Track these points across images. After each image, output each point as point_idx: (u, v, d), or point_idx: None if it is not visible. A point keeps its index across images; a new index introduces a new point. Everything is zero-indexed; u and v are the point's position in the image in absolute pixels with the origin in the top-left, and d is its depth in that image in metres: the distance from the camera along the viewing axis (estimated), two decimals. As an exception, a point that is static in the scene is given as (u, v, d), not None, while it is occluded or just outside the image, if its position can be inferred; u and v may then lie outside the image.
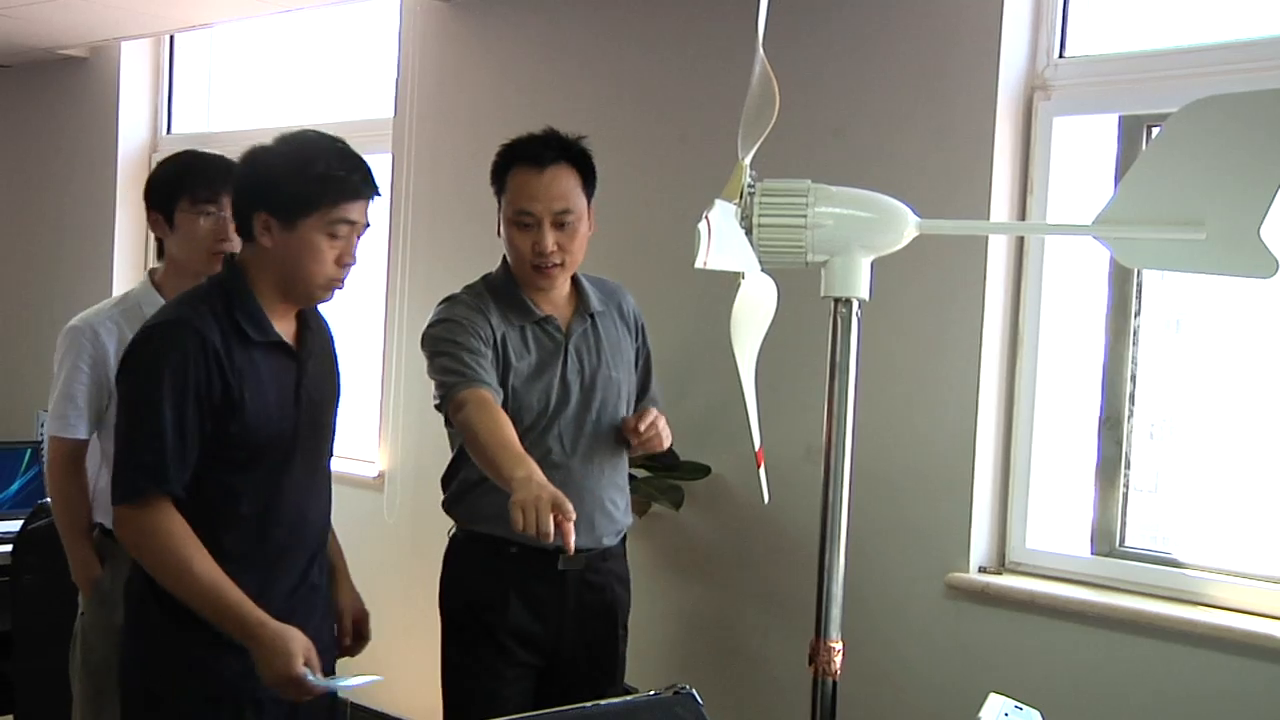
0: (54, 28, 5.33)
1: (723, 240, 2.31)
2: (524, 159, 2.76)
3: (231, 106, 5.65)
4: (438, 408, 2.74)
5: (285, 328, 2.50)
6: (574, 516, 2.24)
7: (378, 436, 4.79)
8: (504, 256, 2.87)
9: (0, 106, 6.09)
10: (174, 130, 5.72)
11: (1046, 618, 3.20)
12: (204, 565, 2.29)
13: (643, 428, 2.84)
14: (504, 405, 2.70)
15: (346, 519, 4.72)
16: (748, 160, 2.55)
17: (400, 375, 4.68)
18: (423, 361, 3.14)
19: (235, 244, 2.83)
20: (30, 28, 5.33)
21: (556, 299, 2.85)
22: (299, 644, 2.26)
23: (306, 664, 2.26)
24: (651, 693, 2.15)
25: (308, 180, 2.37)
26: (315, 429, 2.55)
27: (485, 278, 2.87)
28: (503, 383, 2.74)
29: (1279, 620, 2.94)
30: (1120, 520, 3.29)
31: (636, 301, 3.07)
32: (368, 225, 2.48)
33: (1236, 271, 2.51)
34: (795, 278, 2.69)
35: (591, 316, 2.87)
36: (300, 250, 2.40)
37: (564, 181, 2.74)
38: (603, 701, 2.01)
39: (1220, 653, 2.94)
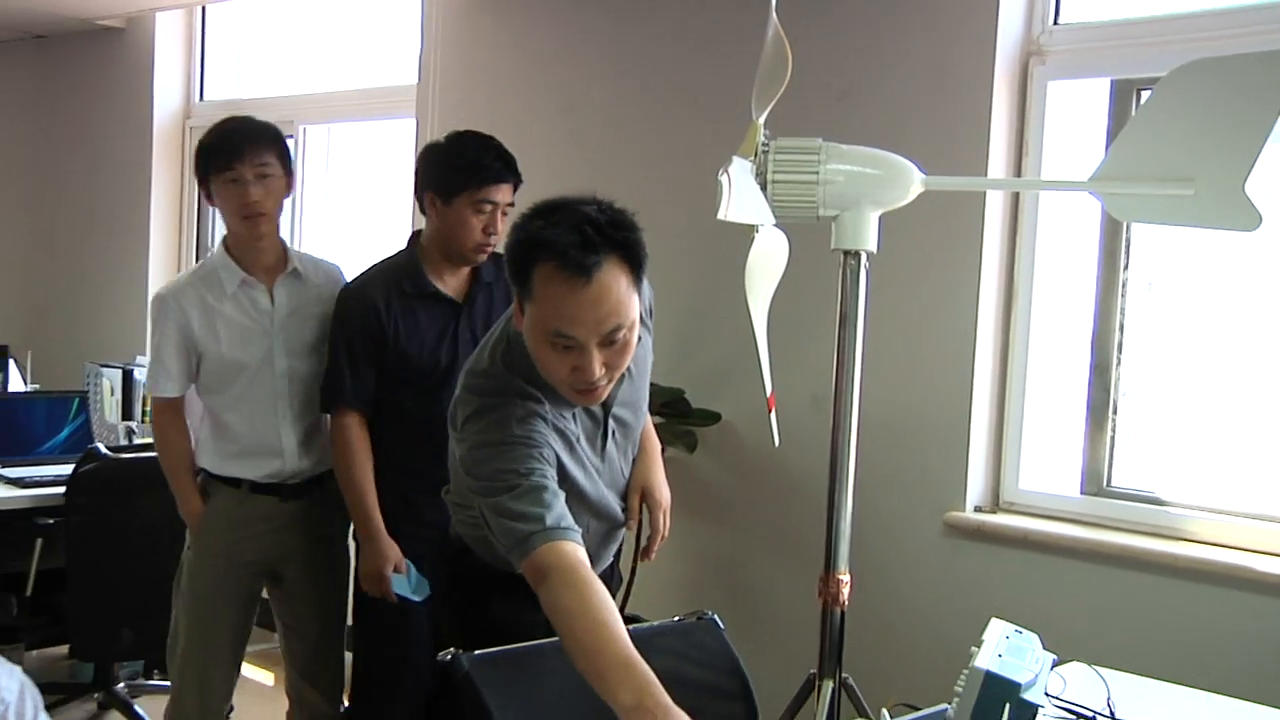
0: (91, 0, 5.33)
1: (741, 195, 2.32)
2: (559, 260, 1.91)
3: (261, 73, 5.61)
4: (504, 547, 2.00)
5: (454, 283, 2.99)
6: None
7: None
8: (508, 324, 2.20)
9: (39, 76, 6.06)
10: (206, 97, 5.70)
11: (1038, 553, 3.21)
12: (360, 470, 2.91)
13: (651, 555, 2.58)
14: None
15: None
16: (761, 120, 2.57)
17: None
18: None
19: (266, 207, 2.93)
20: (67, 1, 5.32)
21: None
22: (393, 555, 2.90)
23: (396, 570, 2.90)
24: (676, 619, 2.17)
25: (458, 168, 2.89)
26: None
27: (505, 359, 2.10)
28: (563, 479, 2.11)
29: (1255, 553, 2.96)
30: (1108, 462, 3.30)
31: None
32: (511, 204, 2.88)
33: (1223, 225, 2.54)
34: (799, 233, 2.72)
35: (626, 373, 2.16)
36: (455, 222, 2.89)
37: (615, 290, 1.93)
38: (630, 626, 1.91)
39: (1200, 584, 2.96)
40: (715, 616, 2.18)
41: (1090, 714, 2.11)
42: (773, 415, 2.77)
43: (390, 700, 3.12)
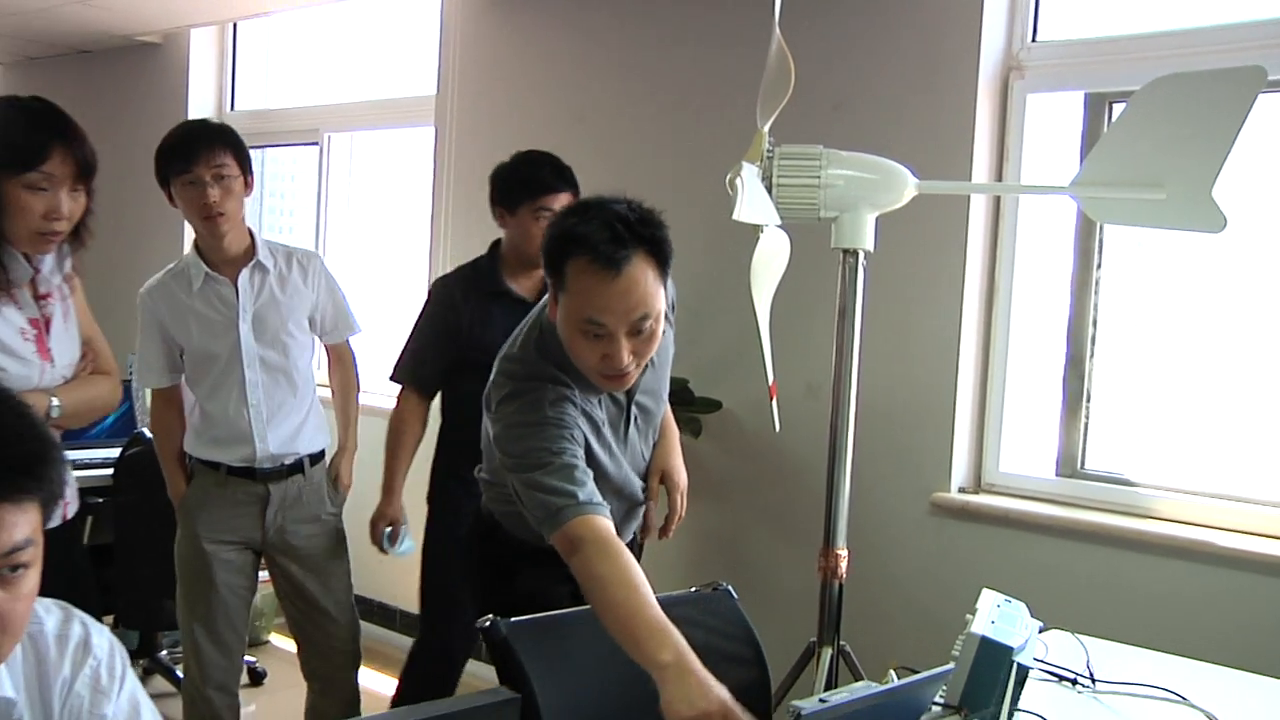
0: (132, 17, 5.32)
1: (752, 197, 2.34)
2: (591, 253, 1.93)
3: (288, 84, 5.61)
4: (505, 489, 2.14)
5: (527, 284, 3.10)
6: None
7: None
8: (542, 314, 2.19)
9: (83, 88, 6.02)
10: (237, 107, 5.69)
11: (1017, 531, 3.22)
12: (400, 440, 3.16)
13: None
14: None
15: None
16: (766, 128, 2.58)
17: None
18: None
19: (225, 207, 2.83)
20: (112, 17, 5.32)
21: None
22: (390, 514, 3.19)
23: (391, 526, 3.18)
24: (693, 589, 2.17)
25: (517, 181, 3.05)
26: None
27: (539, 347, 2.10)
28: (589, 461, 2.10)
29: (1217, 530, 2.97)
30: (1082, 446, 3.30)
31: None
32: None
33: (1191, 227, 2.55)
34: (794, 233, 2.72)
35: (650, 363, 2.17)
36: (520, 231, 3.05)
37: (643, 282, 1.95)
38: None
39: (1166, 558, 2.98)
40: (729, 587, 2.19)
41: (1072, 676, 2.14)
42: (774, 403, 2.78)
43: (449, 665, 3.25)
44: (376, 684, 4.55)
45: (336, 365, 3.24)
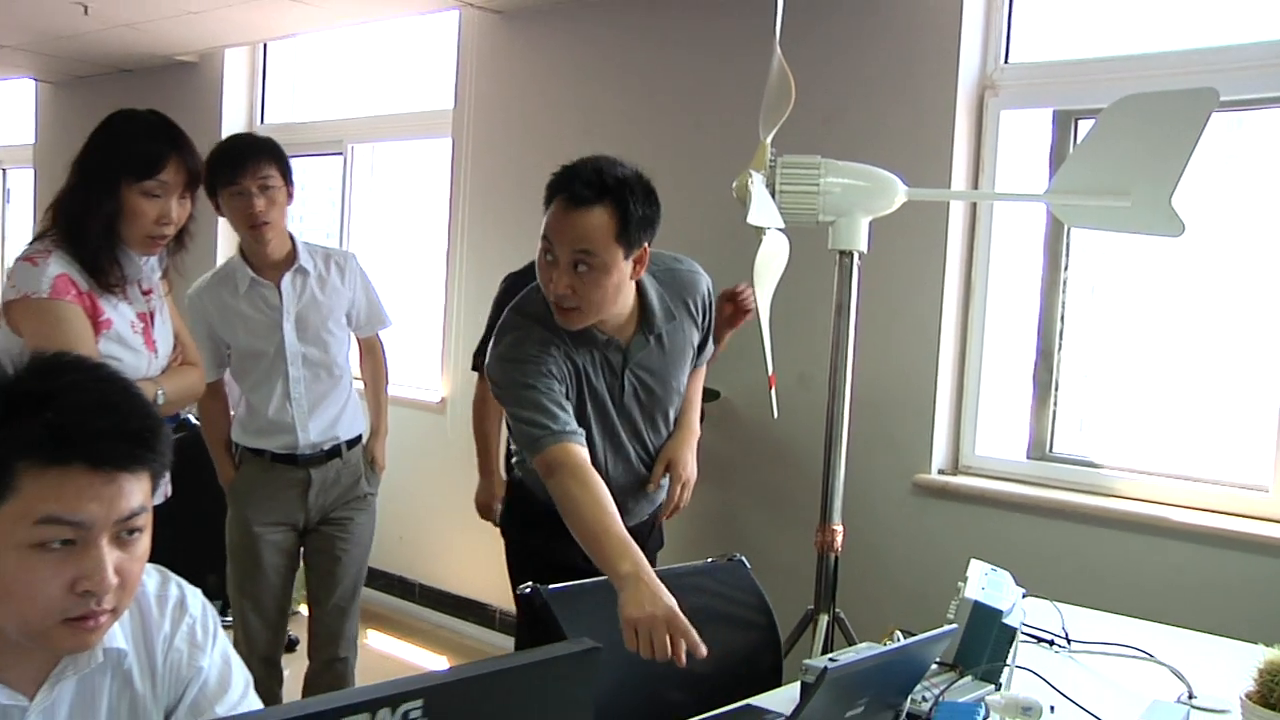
0: (172, 39, 5.32)
1: (761, 203, 2.37)
2: (563, 191, 2.05)
3: (315, 99, 5.60)
4: (522, 452, 2.19)
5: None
6: (694, 639, 1.70)
7: (440, 369, 4.79)
8: None
9: (125, 104, 5.92)
10: (267, 120, 5.66)
11: (992, 508, 3.24)
12: (487, 422, 3.09)
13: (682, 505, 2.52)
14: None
15: (416, 435, 4.81)
16: (769, 139, 2.60)
17: (458, 320, 4.67)
18: (476, 310, 3.11)
19: (270, 216, 2.81)
20: (153, 39, 5.31)
21: (618, 318, 2.17)
22: (500, 492, 2.96)
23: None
24: (710, 560, 2.18)
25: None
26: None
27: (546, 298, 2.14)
28: (577, 411, 2.13)
29: (1172, 506, 3.01)
30: (1050, 431, 3.32)
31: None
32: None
33: (1153, 231, 2.57)
34: (792, 235, 2.71)
35: (652, 334, 2.21)
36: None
37: (592, 223, 2.01)
38: (666, 567, 2.01)
39: (1127, 532, 3.01)
40: (743, 558, 2.19)
41: (1050, 637, 2.18)
42: (773, 392, 2.78)
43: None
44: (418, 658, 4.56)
45: (368, 357, 3.23)
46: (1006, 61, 3.36)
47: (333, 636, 3.08)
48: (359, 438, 3.11)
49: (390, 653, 4.54)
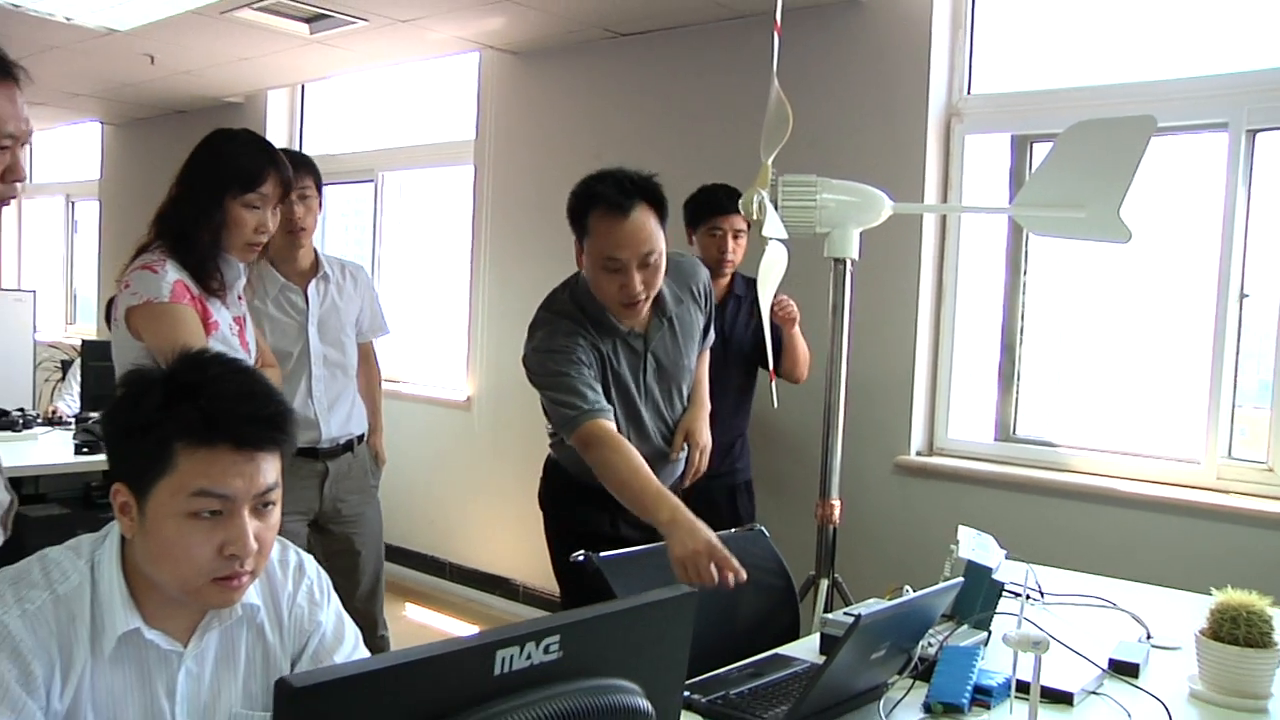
0: (223, 82, 5.34)
1: (772, 217, 2.41)
2: (606, 203, 2.07)
3: (349, 131, 5.60)
4: (557, 433, 2.19)
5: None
6: (734, 564, 1.77)
7: (466, 370, 4.79)
8: (580, 274, 2.25)
9: (179, 142, 5.78)
10: (305, 152, 5.65)
11: (964, 484, 3.28)
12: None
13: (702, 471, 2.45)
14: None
15: (445, 430, 4.83)
16: (770, 160, 2.64)
17: (483, 323, 4.67)
18: (498, 318, 3.05)
19: (306, 223, 2.78)
20: (206, 83, 5.33)
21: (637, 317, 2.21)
22: None
23: None
24: (733, 530, 2.17)
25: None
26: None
27: (572, 293, 2.20)
28: (605, 393, 2.15)
29: (1120, 479, 3.06)
30: (1014, 416, 3.37)
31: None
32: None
33: (1105, 238, 2.60)
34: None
35: (665, 318, 2.25)
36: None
37: (647, 225, 2.07)
38: None
39: (1081, 502, 3.06)
40: (762, 528, 2.21)
41: (1025, 591, 2.23)
42: (773, 385, 2.82)
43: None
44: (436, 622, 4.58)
45: (364, 361, 3.11)
46: (969, 93, 3.41)
47: (370, 622, 3.00)
48: (364, 434, 3.04)
49: (425, 624, 4.56)
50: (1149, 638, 1.94)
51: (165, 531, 1.19)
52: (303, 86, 5.67)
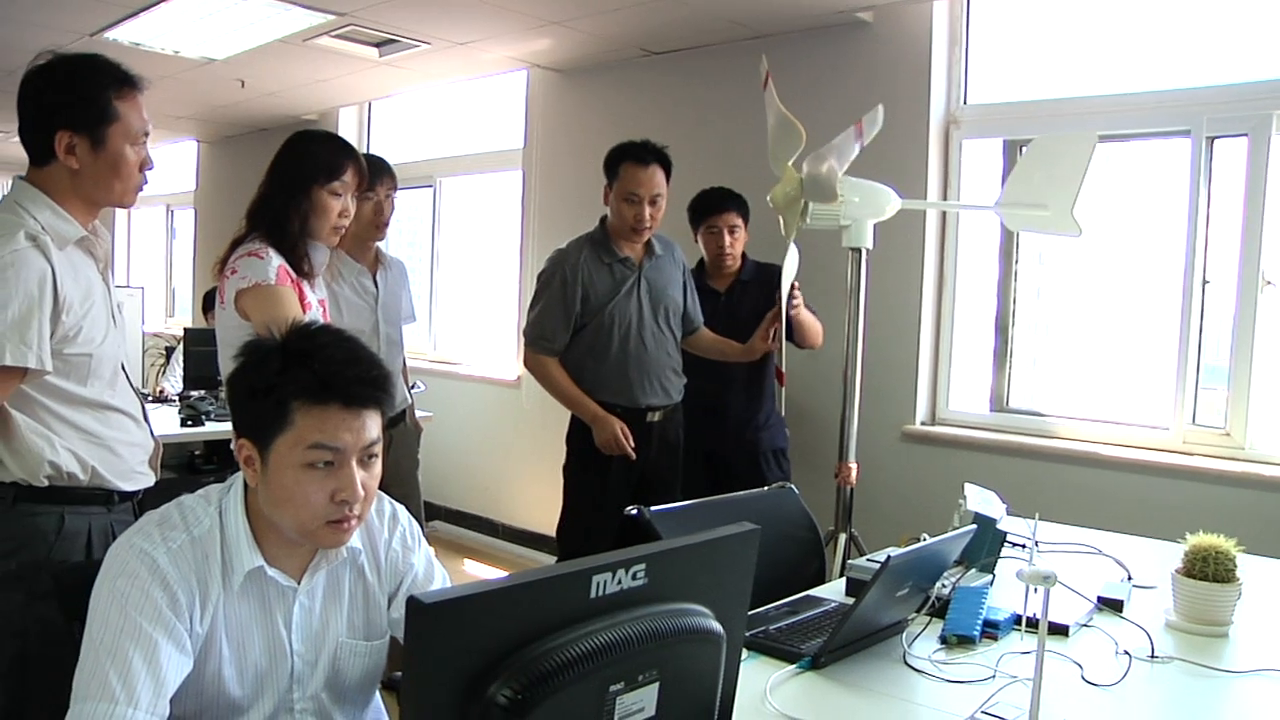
0: (302, 102, 5.37)
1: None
2: (633, 157, 2.70)
3: (411, 142, 5.59)
4: (526, 334, 2.76)
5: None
6: (629, 450, 2.60)
7: (515, 353, 4.72)
8: (601, 220, 2.80)
9: (262, 157, 5.80)
10: (374, 162, 5.72)
11: (964, 450, 3.29)
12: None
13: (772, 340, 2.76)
14: (599, 321, 2.70)
15: (497, 407, 4.86)
16: (791, 163, 2.64)
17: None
18: None
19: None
20: (287, 103, 5.38)
21: (635, 247, 2.77)
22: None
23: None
24: (765, 488, 2.21)
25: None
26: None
27: (589, 234, 2.79)
28: (600, 307, 2.68)
29: (1102, 444, 3.07)
30: (1007, 389, 3.37)
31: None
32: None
33: (1062, 232, 2.67)
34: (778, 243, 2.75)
35: (655, 256, 2.78)
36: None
37: (658, 175, 2.70)
38: (717, 497, 2.04)
39: (1065, 465, 3.08)
40: (792, 486, 2.22)
41: (1022, 541, 2.24)
42: (782, 390, 2.81)
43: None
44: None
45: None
46: (966, 102, 3.41)
47: None
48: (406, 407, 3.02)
49: (481, 577, 4.62)
50: (1130, 579, 1.97)
51: (285, 480, 1.21)
52: (370, 104, 5.68)
